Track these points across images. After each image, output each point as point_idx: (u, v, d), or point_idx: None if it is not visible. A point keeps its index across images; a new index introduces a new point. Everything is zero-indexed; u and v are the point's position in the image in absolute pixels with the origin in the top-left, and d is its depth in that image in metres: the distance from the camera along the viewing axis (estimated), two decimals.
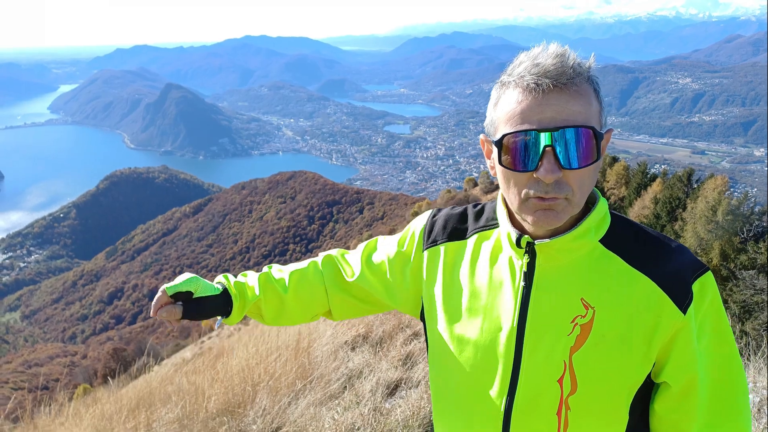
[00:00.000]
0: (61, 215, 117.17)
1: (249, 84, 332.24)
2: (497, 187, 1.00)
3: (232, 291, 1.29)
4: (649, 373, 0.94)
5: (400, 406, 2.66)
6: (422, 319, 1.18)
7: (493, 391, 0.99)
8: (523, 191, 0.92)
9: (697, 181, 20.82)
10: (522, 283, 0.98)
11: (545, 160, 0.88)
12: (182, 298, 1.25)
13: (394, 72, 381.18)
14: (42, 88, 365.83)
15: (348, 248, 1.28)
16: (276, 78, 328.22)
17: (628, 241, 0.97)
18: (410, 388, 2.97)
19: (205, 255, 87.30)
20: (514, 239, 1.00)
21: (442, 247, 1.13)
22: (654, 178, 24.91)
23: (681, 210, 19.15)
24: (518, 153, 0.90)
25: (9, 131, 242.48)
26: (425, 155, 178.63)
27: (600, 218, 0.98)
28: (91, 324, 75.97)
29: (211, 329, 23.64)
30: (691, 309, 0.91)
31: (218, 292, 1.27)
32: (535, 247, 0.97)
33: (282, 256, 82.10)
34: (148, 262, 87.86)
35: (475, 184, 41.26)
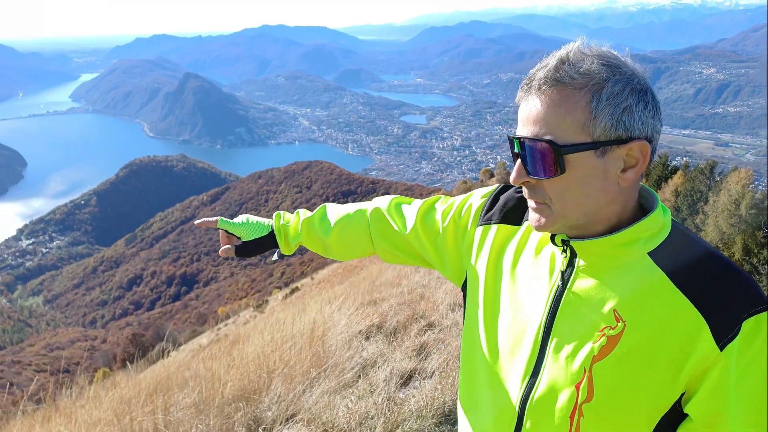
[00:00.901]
0: (82, 202, 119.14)
1: (266, 74, 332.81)
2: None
3: (278, 234, 1.45)
4: (678, 401, 0.89)
5: (413, 396, 2.67)
6: (463, 290, 1.19)
7: (515, 380, 0.99)
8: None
9: (720, 174, 20.48)
10: (558, 282, 0.97)
11: (516, 164, 0.92)
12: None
13: (411, 62, 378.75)
14: (64, 77, 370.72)
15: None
16: (293, 68, 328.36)
17: (683, 260, 0.90)
18: (424, 379, 2.98)
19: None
20: (549, 234, 0.99)
21: (494, 227, 1.12)
22: (675, 170, 24.54)
23: (703, 203, 18.85)
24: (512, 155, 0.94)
25: (32, 119, 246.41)
26: (441, 146, 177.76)
27: (653, 229, 0.92)
28: (111, 309, 77.34)
29: (228, 317, 23.95)
30: (732, 346, 0.84)
31: (265, 234, 1.46)
32: (571, 245, 0.95)
33: None
34: (167, 250, 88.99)
35: (492, 175, 41.01)
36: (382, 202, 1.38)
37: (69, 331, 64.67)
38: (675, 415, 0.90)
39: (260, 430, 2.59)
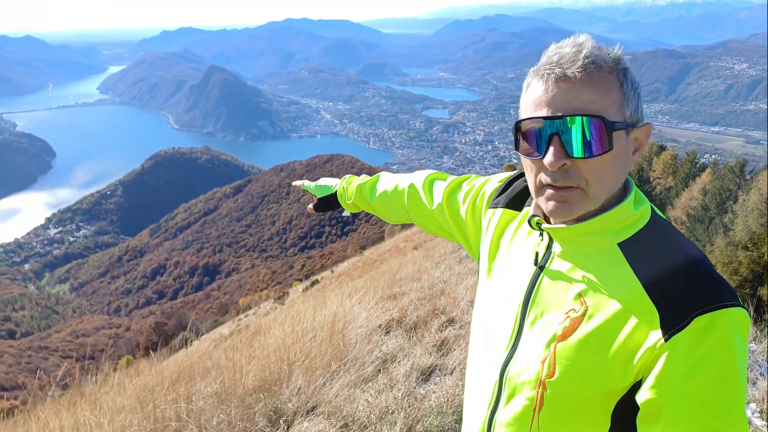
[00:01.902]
0: (108, 192, 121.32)
1: (289, 67, 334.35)
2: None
3: (339, 194, 1.72)
4: (632, 390, 0.92)
5: (434, 392, 2.65)
6: (479, 266, 1.27)
7: (499, 351, 1.06)
8: (537, 178, 0.97)
9: (750, 172, 19.98)
10: (534, 265, 1.03)
11: (551, 147, 0.92)
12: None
13: (434, 55, 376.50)
14: (92, 69, 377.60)
15: (383, 232, 1.68)
16: (316, 61, 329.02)
17: (648, 253, 0.94)
18: (444, 375, 2.96)
19: (243, 235, 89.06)
20: (528, 218, 1.06)
21: (499, 211, 1.19)
22: (704, 168, 24.01)
23: (732, 202, 18.42)
24: (531, 140, 0.95)
25: (62, 110, 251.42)
26: (464, 140, 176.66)
27: (624, 220, 0.96)
28: (135, 298, 78.79)
29: (248, 308, 24.21)
30: (679, 338, 0.85)
31: (332, 193, 1.75)
32: (545, 229, 1.01)
33: (318, 238, 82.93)
34: (190, 240, 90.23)
35: (514, 170, 40.78)
36: (420, 176, 1.48)
37: (94, 319, 66.16)
38: (630, 405, 0.92)
39: (281, 421, 2.60)
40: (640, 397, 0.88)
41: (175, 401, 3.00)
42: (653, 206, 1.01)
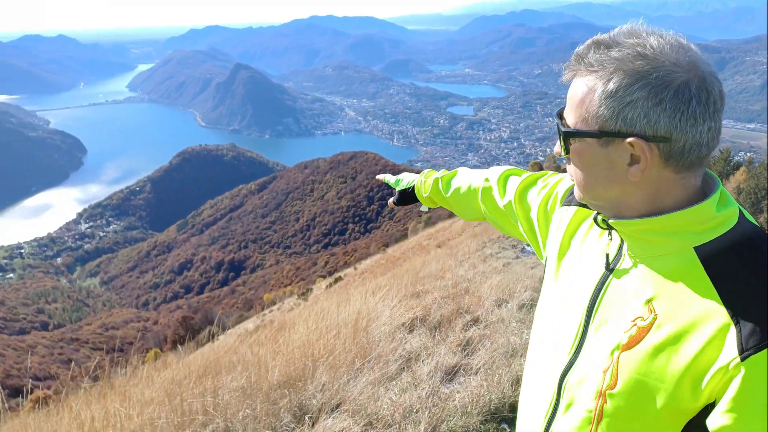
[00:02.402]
0: (138, 188, 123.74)
1: (314, 64, 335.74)
2: (564, 171, 0.99)
3: (416, 188, 1.71)
4: (704, 412, 0.84)
5: (458, 392, 2.64)
6: (545, 266, 1.22)
7: (562, 357, 1.01)
8: None
9: None
10: (605, 264, 0.98)
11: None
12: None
13: (460, 52, 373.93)
14: (122, 68, 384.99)
15: (407, 230, 1.69)
16: (341, 58, 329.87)
17: (729, 258, 0.85)
18: (469, 375, 2.94)
19: (268, 231, 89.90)
20: (593, 216, 1.02)
21: (572, 209, 1.14)
22: (738, 166, 23.36)
23: (767, 201, 17.92)
24: None
25: (92, 108, 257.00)
26: (488, 137, 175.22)
27: (703, 221, 0.88)
28: (162, 292, 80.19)
29: (273, 303, 24.47)
30: (757, 359, 0.76)
31: (410, 186, 1.75)
32: (610, 223, 0.96)
33: (341, 235, 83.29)
34: (216, 236, 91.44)
35: (540, 168, 40.18)
36: (496, 172, 1.44)
37: (123, 312, 67.59)
38: (702, 429, 0.84)
39: (306, 418, 2.62)
40: (712, 422, 0.81)
41: (202, 395, 3.05)
42: (743, 210, 0.92)
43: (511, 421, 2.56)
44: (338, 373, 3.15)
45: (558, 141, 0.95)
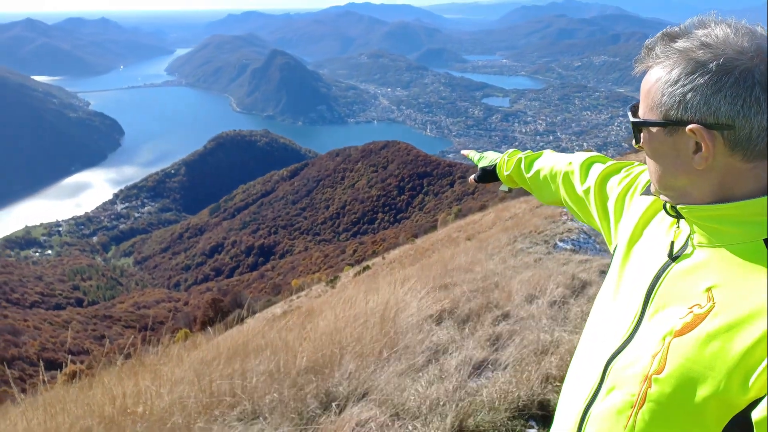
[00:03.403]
0: (172, 171, 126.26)
1: (349, 52, 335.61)
2: None
3: (498, 166, 1.70)
4: (750, 406, 0.81)
5: (486, 387, 2.60)
6: (612, 253, 1.20)
7: (613, 342, 1.01)
8: None
9: None
10: (669, 249, 0.98)
11: None
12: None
13: (498, 42, 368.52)
14: (160, 51, 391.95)
15: (436, 221, 1.69)
16: (376, 46, 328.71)
17: None
18: (497, 370, 2.90)
19: (298, 218, 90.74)
20: (663, 204, 1.02)
21: (649, 199, 1.12)
22: None
23: None
24: None
25: (131, 91, 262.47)
26: (524, 130, 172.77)
27: None
28: (193, 274, 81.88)
29: (301, 289, 24.71)
30: None
31: (493, 164, 1.73)
32: (678, 209, 0.95)
33: (371, 224, 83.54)
34: (247, 221, 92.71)
35: None
36: (580, 157, 1.43)
37: (155, 292, 69.36)
38: (748, 424, 0.81)
39: (333, 405, 2.62)
40: (756, 414, 0.79)
41: (230, 377, 3.09)
42: None
43: (540, 419, 2.51)
44: (365, 361, 3.14)
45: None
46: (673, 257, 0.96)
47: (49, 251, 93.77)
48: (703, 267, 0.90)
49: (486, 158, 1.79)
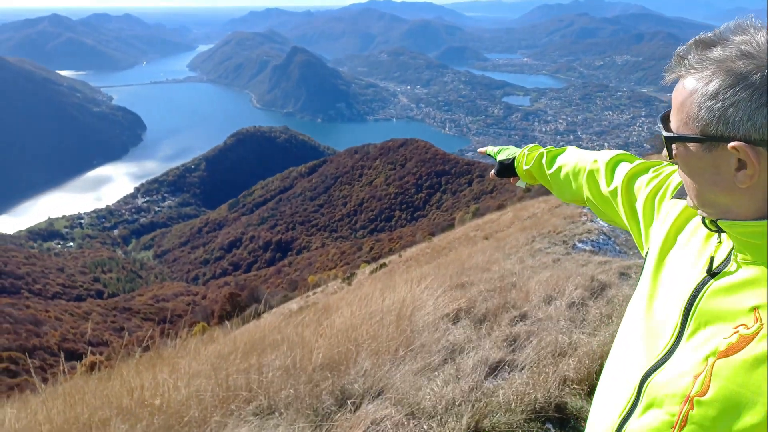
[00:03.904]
0: (193, 166, 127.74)
1: (369, 49, 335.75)
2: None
3: (517, 160, 1.65)
4: None
5: (502, 388, 2.58)
6: (644, 258, 1.15)
7: (649, 357, 0.97)
8: None
9: None
10: (709, 265, 0.93)
11: None
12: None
13: (519, 40, 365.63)
14: (183, 47, 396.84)
15: (453, 220, 1.68)
16: (396, 44, 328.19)
17: None
18: (514, 371, 2.87)
19: (315, 214, 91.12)
20: (701, 217, 0.96)
21: (682, 203, 1.07)
22: None
23: None
24: None
25: (154, 86, 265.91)
26: (544, 129, 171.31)
27: None
28: (212, 268, 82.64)
29: (317, 285, 24.81)
30: None
31: (512, 158, 1.69)
32: (718, 224, 0.90)
33: (388, 221, 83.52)
34: (265, 216, 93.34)
35: None
36: (606, 155, 1.37)
37: (174, 285, 70.18)
38: None
39: (348, 402, 2.62)
40: None
41: (247, 371, 3.11)
42: None
43: (556, 422, 2.48)
44: (381, 359, 3.14)
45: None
46: (713, 272, 0.91)
47: (71, 243, 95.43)
48: (748, 285, 0.85)
49: (505, 151, 1.75)
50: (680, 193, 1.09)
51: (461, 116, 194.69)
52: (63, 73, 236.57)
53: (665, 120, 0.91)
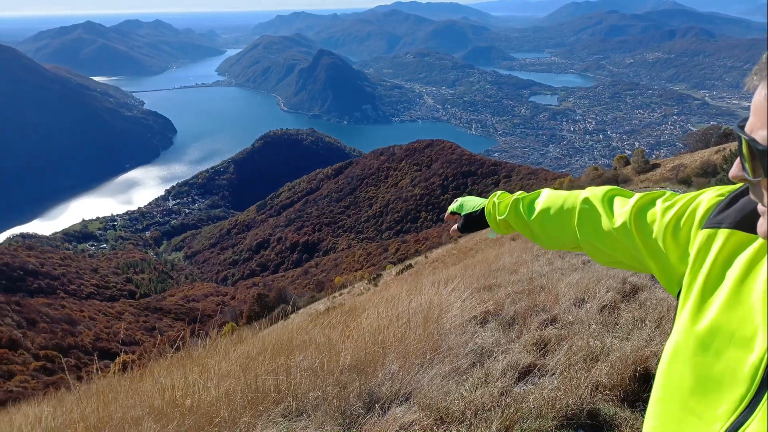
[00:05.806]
0: (222, 169, 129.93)
1: (395, 51, 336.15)
2: (653, 167, 0.86)
3: (487, 212, 1.52)
4: None
5: (532, 393, 2.53)
6: (678, 299, 0.99)
7: (721, 412, 0.81)
8: None
9: None
10: None
11: (738, 157, 0.80)
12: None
13: (546, 39, 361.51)
14: (212, 52, 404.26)
15: None
16: (422, 45, 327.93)
17: None
18: (544, 376, 2.82)
19: (342, 216, 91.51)
20: None
21: (723, 233, 0.92)
22: None
23: None
24: None
25: (184, 90, 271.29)
26: (572, 129, 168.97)
27: None
28: (240, 269, 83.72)
29: (343, 287, 24.91)
30: None
31: (478, 209, 1.56)
32: None
33: (413, 223, 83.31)
34: (292, 218, 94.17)
35: (627, 163, 38.05)
36: (595, 191, 1.24)
37: (204, 286, 71.32)
38: None
39: (376, 406, 2.61)
40: None
41: (275, 372, 3.12)
42: None
43: (588, 429, 2.42)
44: (408, 362, 3.12)
45: (741, 161, 0.77)
46: None
47: (104, 245, 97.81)
48: None
49: (468, 204, 1.61)
50: (716, 221, 0.95)
51: (487, 116, 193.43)
52: (97, 78, 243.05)
53: (750, 134, 0.75)
